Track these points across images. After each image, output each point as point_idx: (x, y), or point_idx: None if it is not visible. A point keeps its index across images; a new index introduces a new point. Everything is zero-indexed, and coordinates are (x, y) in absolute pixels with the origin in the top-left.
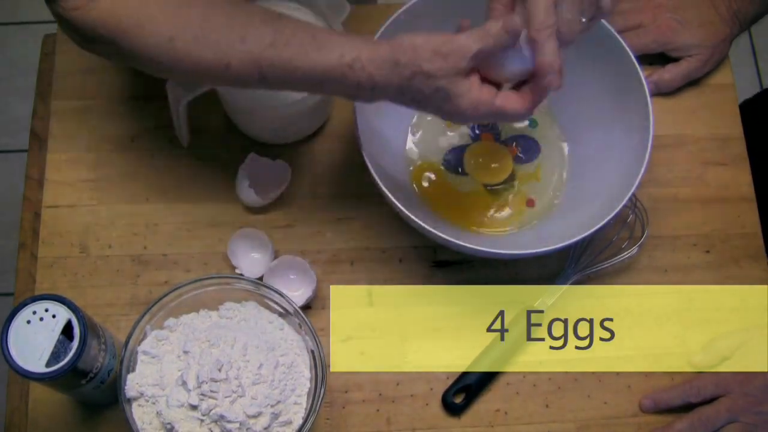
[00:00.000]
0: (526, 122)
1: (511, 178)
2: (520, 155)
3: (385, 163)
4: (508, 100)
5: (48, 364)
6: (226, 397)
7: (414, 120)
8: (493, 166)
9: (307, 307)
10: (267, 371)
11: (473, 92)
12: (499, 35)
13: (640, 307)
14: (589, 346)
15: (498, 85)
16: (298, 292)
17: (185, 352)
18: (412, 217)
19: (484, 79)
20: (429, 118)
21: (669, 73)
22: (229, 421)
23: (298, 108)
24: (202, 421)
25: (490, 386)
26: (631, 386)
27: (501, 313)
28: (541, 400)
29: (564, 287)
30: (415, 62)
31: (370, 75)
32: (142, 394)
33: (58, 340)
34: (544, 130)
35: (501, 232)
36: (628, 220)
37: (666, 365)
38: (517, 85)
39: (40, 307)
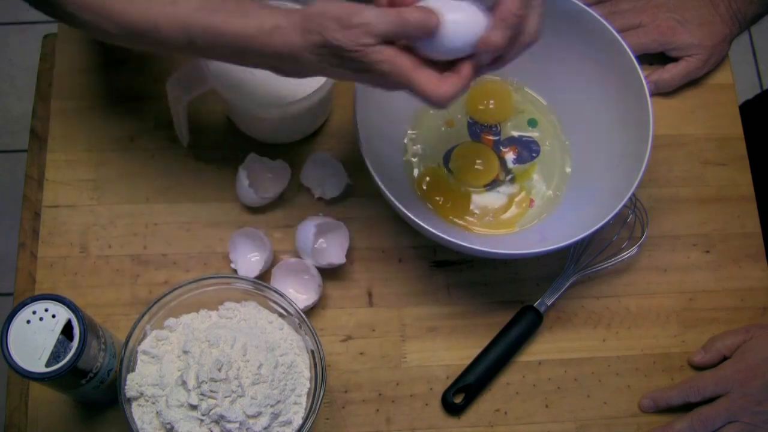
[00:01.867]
0: (526, 122)
1: (511, 178)
2: (520, 155)
3: (384, 163)
4: (427, 78)
5: (48, 364)
6: (225, 397)
7: (413, 120)
8: (477, 168)
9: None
10: (267, 371)
11: (386, 60)
12: (412, 27)
13: (640, 307)
14: (590, 345)
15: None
16: (304, 296)
17: (185, 352)
18: (412, 217)
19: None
20: (428, 117)
21: (669, 73)
22: (229, 421)
23: (298, 108)
24: (201, 421)
25: (490, 386)
26: (630, 386)
27: (501, 313)
28: (541, 400)
29: (564, 287)
30: (321, 30)
31: (287, 43)
32: (141, 394)
33: (58, 340)
34: (544, 130)
35: (500, 232)
36: (628, 220)
37: (666, 365)
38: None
39: (39, 307)
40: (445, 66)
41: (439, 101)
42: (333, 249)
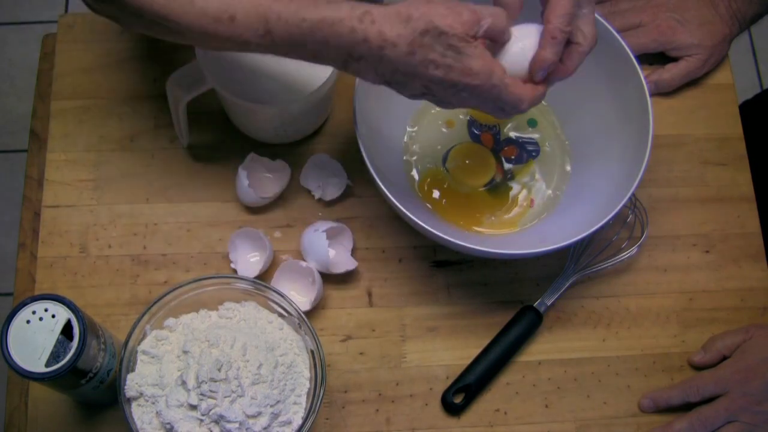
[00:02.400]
0: (526, 122)
1: (510, 178)
2: (519, 155)
3: (384, 163)
4: (514, 79)
5: (48, 364)
6: (225, 397)
7: (413, 120)
8: (474, 168)
9: None
10: (266, 371)
11: (486, 56)
12: (500, 16)
13: (640, 307)
14: (590, 345)
15: None
16: (304, 298)
17: (185, 352)
18: (412, 217)
19: None
20: (428, 117)
21: (669, 73)
22: (229, 421)
23: (298, 108)
24: (201, 421)
25: (490, 386)
26: (630, 386)
27: (501, 313)
28: (541, 400)
29: (564, 287)
30: (429, 17)
31: (380, 31)
32: (141, 394)
33: (58, 340)
34: (544, 130)
35: (501, 232)
36: (628, 220)
37: (666, 365)
38: None
39: (39, 307)
40: None
41: (528, 102)
42: (341, 254)
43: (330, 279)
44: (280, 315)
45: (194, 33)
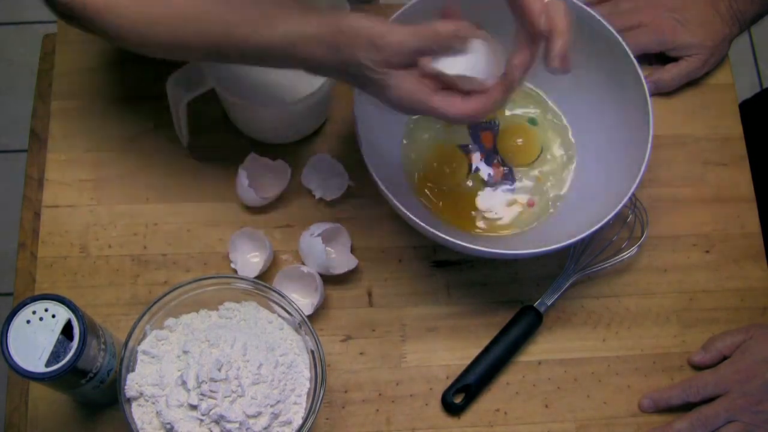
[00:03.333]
0: (526, 122)
1: (511, 178)
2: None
3: (384, 163)
4: (447, 101)
5: (48, 364)
6: (225, 397)
7: (413, 120)
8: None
9: None
10: (267, 371)
11: (406, 85)
12: (448, 38)
13: (640, 307)
14: (590, 345)
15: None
16: (306, 301)
17: (185, 352)
18: (412, 217)
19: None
20: (428, 117)
21: (669, 73)
22: (229, 421)
23: (298, 108)
24: (201, 421)
25: (490, 386)
26: (630, 386)
27: (501, 313)
28: (541, 400)
29: (564, 287)
30: (352, 49)
31: (312, 53)
32: (141, 394)
33: (58, 340)
34: (544, 130)
35: (501, 232)
36: (628, 220)
37: (666, 365)
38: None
39: (39, 307)
40: None
41: (455, 119)
42: (341, 254)
43: (330, 279)
44: (280, 315)
45: (161, 53)
